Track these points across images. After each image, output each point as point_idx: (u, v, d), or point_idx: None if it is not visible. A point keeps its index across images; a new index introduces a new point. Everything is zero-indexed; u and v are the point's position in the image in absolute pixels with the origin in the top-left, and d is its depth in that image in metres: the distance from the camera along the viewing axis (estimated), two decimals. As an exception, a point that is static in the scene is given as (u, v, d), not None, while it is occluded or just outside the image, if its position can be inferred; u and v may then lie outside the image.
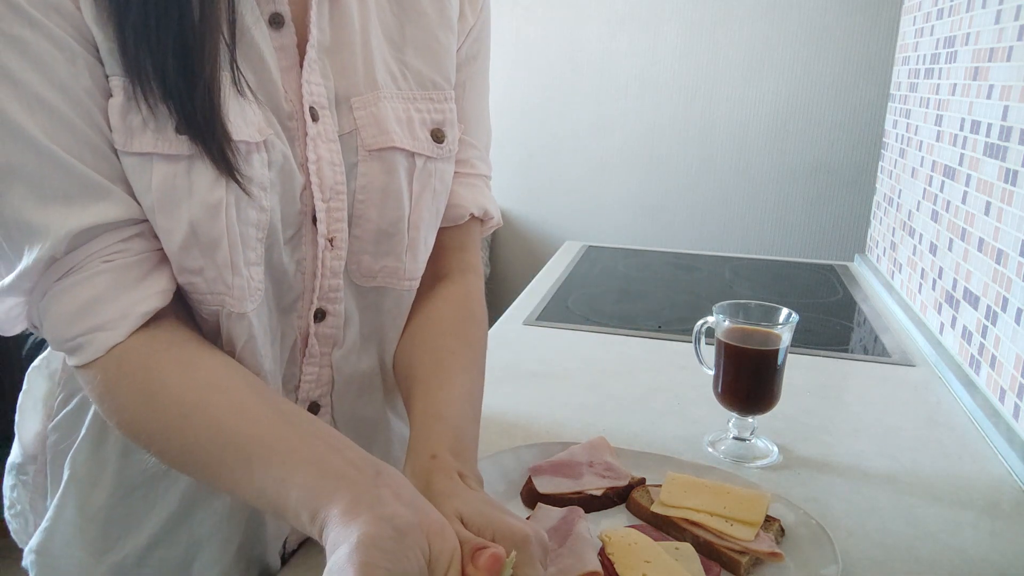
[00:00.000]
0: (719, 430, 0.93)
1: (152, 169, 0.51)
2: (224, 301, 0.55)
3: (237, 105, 0.53)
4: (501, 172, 2.51)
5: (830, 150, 2.23)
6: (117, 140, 0.51)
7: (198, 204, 0.52)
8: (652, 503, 0.73)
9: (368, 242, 0.62)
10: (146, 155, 0.51)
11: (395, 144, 0.61)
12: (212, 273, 0.54)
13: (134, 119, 0.51)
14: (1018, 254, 0.99)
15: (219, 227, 0.53)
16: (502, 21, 2.41)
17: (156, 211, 0.52)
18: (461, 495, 0.51)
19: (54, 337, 0.52)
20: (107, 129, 0.51)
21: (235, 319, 0.56)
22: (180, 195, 0.51)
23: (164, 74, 0.50)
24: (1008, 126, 1.06)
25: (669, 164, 2.37)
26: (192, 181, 0.52)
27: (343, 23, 0.60)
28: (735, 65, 2.25)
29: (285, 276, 0.59)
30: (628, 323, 1.35)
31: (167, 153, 0.51)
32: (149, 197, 0.51)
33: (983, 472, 0.88)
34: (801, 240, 2.31)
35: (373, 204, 0.61)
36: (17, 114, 0.48)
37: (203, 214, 0.52)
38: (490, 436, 0.91)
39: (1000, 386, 1.00)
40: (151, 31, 0.49)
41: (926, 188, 1.43)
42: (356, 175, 0.60)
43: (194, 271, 0.54)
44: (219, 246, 0.53)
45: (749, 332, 0.87)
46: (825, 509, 0.78)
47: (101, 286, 0.51)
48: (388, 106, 0.61)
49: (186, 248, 0.53)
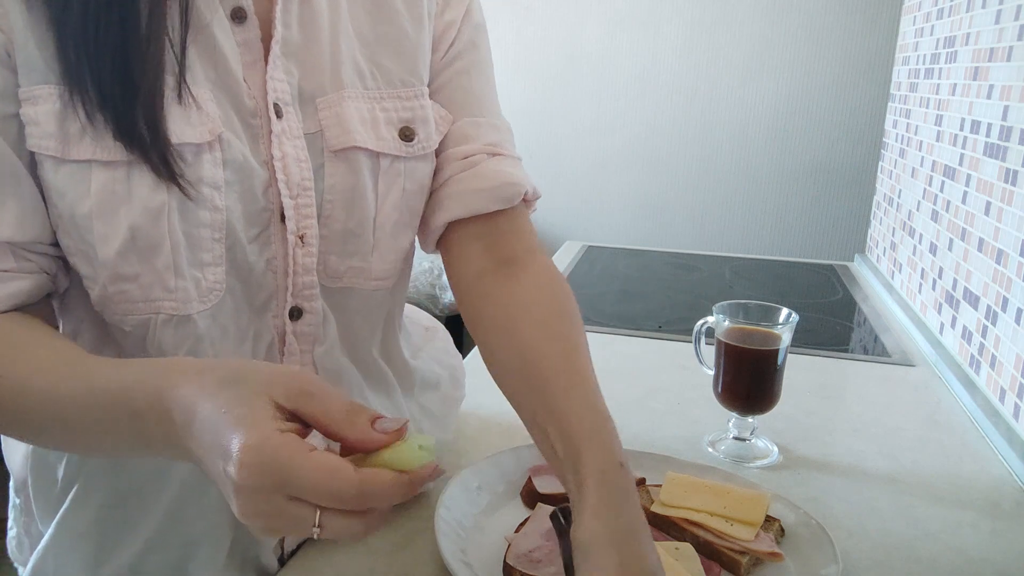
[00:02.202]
0: (719, 430, 0.93)
1: (91, 176, 0.51)
2: (160, 307, 0.54)
3: (180, 108, 0.52)
4: (501, 172, 2.51)
5: (830, 150, 2.23)
6: (55, 148, 0.50)
7: (138, 209, 0.51)
8: (652, 503, 0.73)
9: (335, 242, 0.61)
10: (84, 162, 0.50)
11: (357, 144, 0.60)
12: (149, 278, 0.53)
13: (71, 127, 0.50)
14: (1018, 254, 0.99)
15: (160, 231, 0.52)
16: (502, 21, 2.41)
17: (94, 217, 0.51)
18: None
19: None
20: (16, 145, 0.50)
21: (174, 324, 0.55)
22: (119, 201, 0.51)
23: (101, 82, 0.49)
24: (1008, 126, 1.06)
25: (669, 164, 2.37)
26: (131, 187, 0.51)
27: (312, 21, 0.59)
28: (735, 65, 2.25)
29: (252, 274, 0.58)
30: (628, 323, 1.35)
31: (105, 160, 0.50)
32: (87, 203, 0.51)
33: (983, 472, 0.88)
34: (801, 240, 2.31)
35: (340, 204, 0.60)
36: None
37: (144, 219, 0.51)
38: (490, 436, 0.91)
39: (1000, 386, 1.00)
40: (90, 39, 0.49)
41: (926, 188, 1.43)
42: (323, 175, 0.59)
43: (129, 278, 0.53)
44: (160, 250, 0.53)
45: (749, 332, 0.87)
46: (825, 509, 0.78)
47: None
48: (352, 106, 0.60)
49: (123, 254, 0.52)
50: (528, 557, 0.64)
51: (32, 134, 0.51)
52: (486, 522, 0.71)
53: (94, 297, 0.54)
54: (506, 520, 0.71)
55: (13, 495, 0.69)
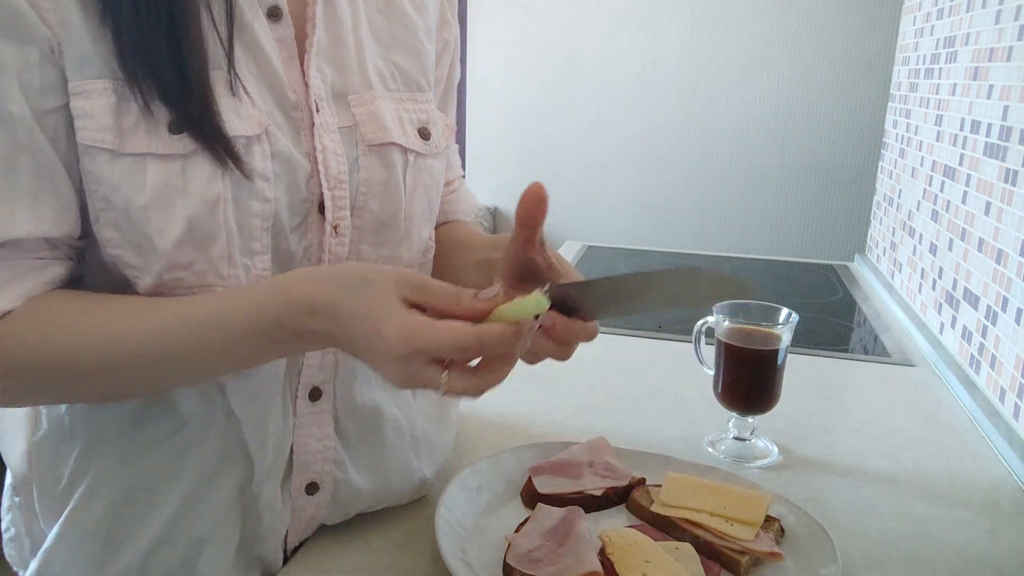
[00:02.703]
0: (719, 430, 0.93)
1: (146, 169, 0.52)
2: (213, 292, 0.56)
3: (231, 101, 0.54)
4: (501, 171, 2.51)
5: (830, 150, 2.23)
6: (111, 142, 0.51)
7: (195, 201, 0.53)
8: (652, 503, 0.73)
9: (368, 232, 0.64)
10: (140, 156, 0.52)
11: (393, 140, 0.63)
12: (203, 266, 0.55)
13: (126, 120, 0.51)
14: (1018, 254, 0.99)
15: (216, 221, 0.54)
16: (502, 21, 2.41)
17: (150, 209, 0.52)
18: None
19: None
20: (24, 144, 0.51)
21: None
22: (175, 193, 0.52)
23: (158, 76, 0.51)
24: (1008, 126, 1.06)
25: (669, 164, 2.37)
26: (187, 179, 0.53)
27: (336, 21, 0.62)
28: (735, 65, 2.25)
29: (291, 262, 0.60)
30: (628, 323, 1.35)
31: (161, 153, 0.52)
32: (143, 196, 0.52)
33: (983, 472, 0.88)
34: (801, 240, 2.31)
35: (375, 196, 0.63)
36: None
37: (200, 210, 0.53)
38: (490, 436, 0.91)
39: (1000, 386, 1.00)
40: (145, 34, 0.50)
41: (926, 188, 1.43)
42: (358, 168, 0.62)
43: (184, 266, 0.54)
44: (215, 240, 0.54)
45: (749, 332, 0.87)
46: (825, 509, 0.78)
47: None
48: (383, 104, 0.64)
49: (180, 244, 0.53)
50: (528, 557, 0.64)
51: (86, 127, 0.52)
52: (486, 522, 0.71)
53: (144, 286, 0.55)
54: (506, 520, 0.72)
55: (10, 494, 0.68)
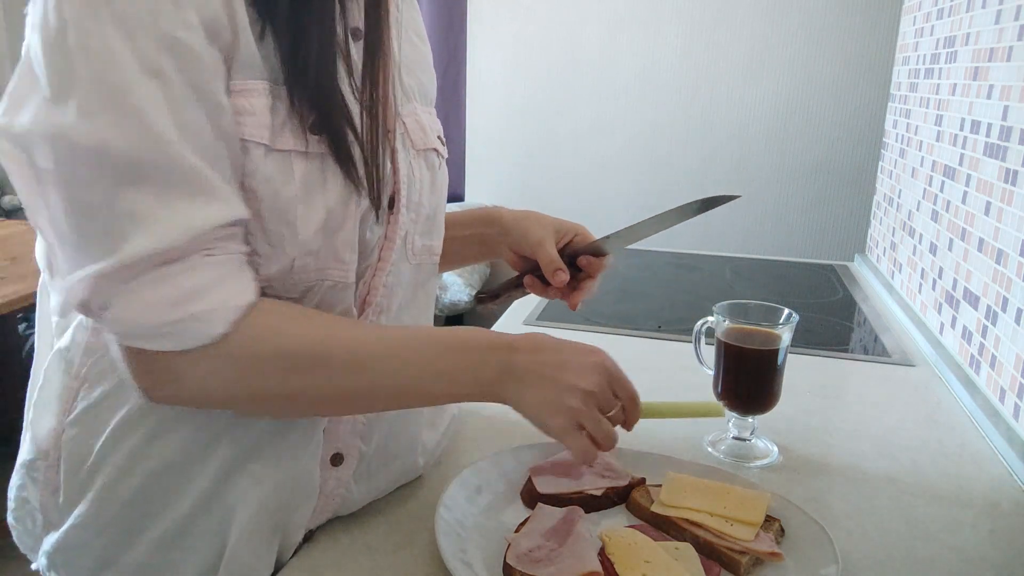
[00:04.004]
0: (719, 430, 0.93)
1: (293, 164, 0.58)
2: (329, 275, 0.62)
3: (351, 107, 0.62)
4: (500, 171, 2.51)
5: (830, 150, 2.23)
6: (267, 137, 0.57)
7: (334, 194, 0.60)
8: (652, 503, 0.73)
9: (420, 225, 0.71)
10: (287, 152, 0.58)
11: (435, 147, 0.73)
12: (327, 252, 0.61)
13: (277, 119, 0.57)
14: (1018, 254, 0.99)
15: (349, 212, 0.61)
16: (502, 21, 2.41)
17: (298, 201, 0.58)
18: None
19: (136, 322, 0.54)
20: (226, 132, 0.55)
21: (338, 290, 0.63)
22: (317, 187, 0.59)
23: (308, 81, 0.58)
24: (1008, 126, 1.06)
25: (669, 164, 2.37)
26: (326, 175, 0.60)
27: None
28: (735, 65, 2.25)
29: (366, 249, 0.66)
30: (628, 323, 1.35)
31: (304, 151, 0.58)
32: (292, 188, 0.58)
33: (983, 472, 0.88)
34: (801, 240, 2.31)
35: (424, 194, 0.71)
36: (157, 113, 0.51)
37: (337, 203, 0.60)
38: (490, 436, 0.91)
39: (1000, 386, 1.00)
40: (299, 43, 0.57)
41: (926, 188, 1.43)
42: (412, 169, 0.69)
43: (314, 252, 0.60)
44: (343, 228, 0.61)
45: (749, 332, 0.87)
46: (825, 509, 0.78)
47: (203, 278, 0.54)
48: (422, 116, 0.72)
49: (317, 232, 0.60)
50: (528, 557, 0.64)
51: (247, 123, 0.56)
52: (486, 522, 0.71)
53: (271, 270, 0.60)
54: (506, 520, 0.72)
55: (25, 471, 0.68)
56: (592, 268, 0.83)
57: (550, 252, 0.81)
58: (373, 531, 0.72)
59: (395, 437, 0.74)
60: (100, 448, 0.63)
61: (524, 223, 0.84)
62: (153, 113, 0.51)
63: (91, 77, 0.50)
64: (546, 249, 0.81)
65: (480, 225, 0.87)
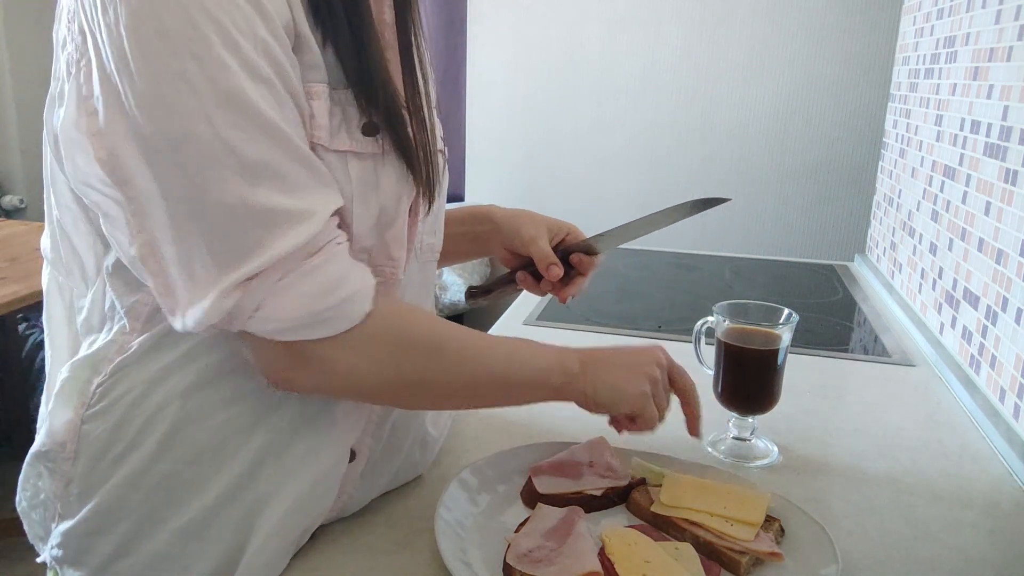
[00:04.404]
0: (719, 430, 0.93)
1: (348, 164, 0.60)
2: (381, 271, 0.64)
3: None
4: (501, 171, 2.51)
5: (830, 150, 2.23)
6: (324, 138, 0.59)
7: (387, 194, 0.63)
8: (652, 503, 0.73)
9: (431, 222, 0.72)
10: (342, 153, 0.60)
11: (441, 148, 0.74)
12: (379, 249, 0.64)
13: (333, 121, 0.59)
14: (1018, 254, 0.99)
15: (401, 211, 0.64)
16: (502, 21, 2.41)
17: (354, 199, 0.61)
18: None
19: (293, 316, 0.56)
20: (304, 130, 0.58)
21: (388, 287, 0.65)
22: (371, 187, 0.62)
23: (372, 83, 0.60)
24: (1008, 126, 1.06)
25: (669, 164, 2.37)
26: (379, 176, 0.62)
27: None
28: (735, 65, 2.25)
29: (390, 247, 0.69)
30: (628, 323, 1.35)
31: (359, 151, 0.61)
32: (349, 187, 0.61)
33: (983, 472, 0.88)
34: (801, 240, 2.31)
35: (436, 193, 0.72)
36: (270, 112, 0.54)
37: (390, 202, 0.63)
38: (490, 436, 0.91)
39: (1000, 386, 1.00)
40: (361, 46, 0.59)
41: (926, 188, 1.43)
42: None
43: (366, 248, 0.63)
44: (394, 225, 0.64)
45: (749, 332, 0.87)
46: (825, 509, 0.78)
47: (344, 263, 0.59)
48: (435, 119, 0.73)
49: (370, 229, 0.62)
50: (528, 557, 0.64)
51: (309, 124, 0.58)
52: (486, 522, 0.71)
53: None
54: (506, 520, 0.72)
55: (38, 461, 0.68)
56: (583, 266, 0.86)
57: (543, 248, 0.84)
58: (373, 531, 0.72)
59: (401, 432, 0.74)
60: (131, 435, 0.63)
61: (516, 221, 0.87)
62: (268, 112, 0.54)
63: (206, 81, 0.52)
64: (539, 245, 0.84)
65: (472, 223, 0.89)
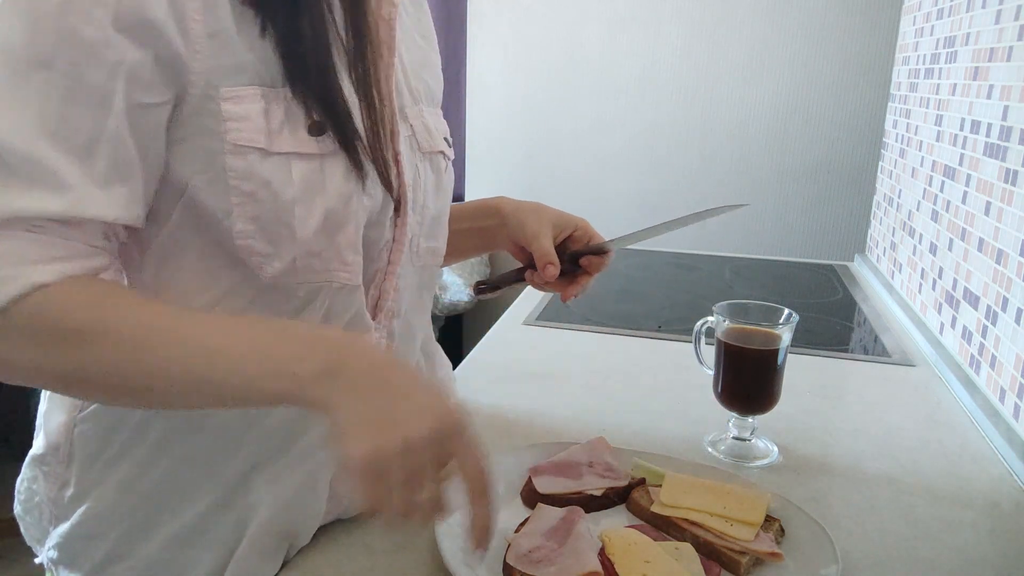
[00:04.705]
0: (719, 430, 0.93)
1: (291, 167, 0.58)
2: (335, 277, 0.62)
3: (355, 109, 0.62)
4: (500, 171, 2.51)
5: (830, 150, 2.23)
6: (263, 142, 0.57)
7: (333, 195, 0.60)
8: (652, 503, 0.73)
9: (425, 227, 0.71)
10: (285, 155, 0.58)
11: (441, 149, 0.73)
12: (330, 253, 0.61)
13: (272, 123, 0.58)
14: (1018, 254, 0.99)
15: (349, 213, 0.61)
16: (502, 21, 2.41)
17: (296, 202, 0.59)
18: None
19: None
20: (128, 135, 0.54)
21: (345, 293, 0.64)
22: (316, 188, 0.59)
23: (310, 84, 0.59)
24: (1008, 126, 1.06)
25: (669, 164, 2.37)
26: (325, 177, 0.60)
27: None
28: (735, 65, 2.25)
29: (374, 251, 0.67)
30: (628, 323, 1.35)
31: (302, 152, 0.59)
32: (291, 190, 0.58)
33: (983, 472, 0.88)
34: (801, 240, 2.30)
35: (430, 196, 0.72)
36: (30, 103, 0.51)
37: (337, 203, 0.60)
38: (490, 436, 0.91)
39: (1000, 386, 1.00)
40: (299, 45, 0.58)
41: (926, 188, 1.43)
42: (419, 172, 0.70)
43: (315, 253, 0.61)
44: (344, 229, 0.62)
45: (749, 332, 0.87)
46: (825, 509, 0.78)
47: (9, 248, 0.52)
48: (428, 118, 0.73)
49: (316, 233, 0.60)
50: (528, 557, 0.64)
51: (240, 129, 0.57)
52: (486, 522, 0.71)
53: (274, 269, 0.60)
54: (506, 520, 0.71)
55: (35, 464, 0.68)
56: (592, 267, 0.86)
57: (544, 245, 0.82)
58: (373, 531, 0.72)
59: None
60: (123, 441, 0.63)
61: (522, 214, 0.85)
62: (26, 103, 0.51)
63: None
64: (540, 242, 0.82)
65: (481, 217, 0.88)
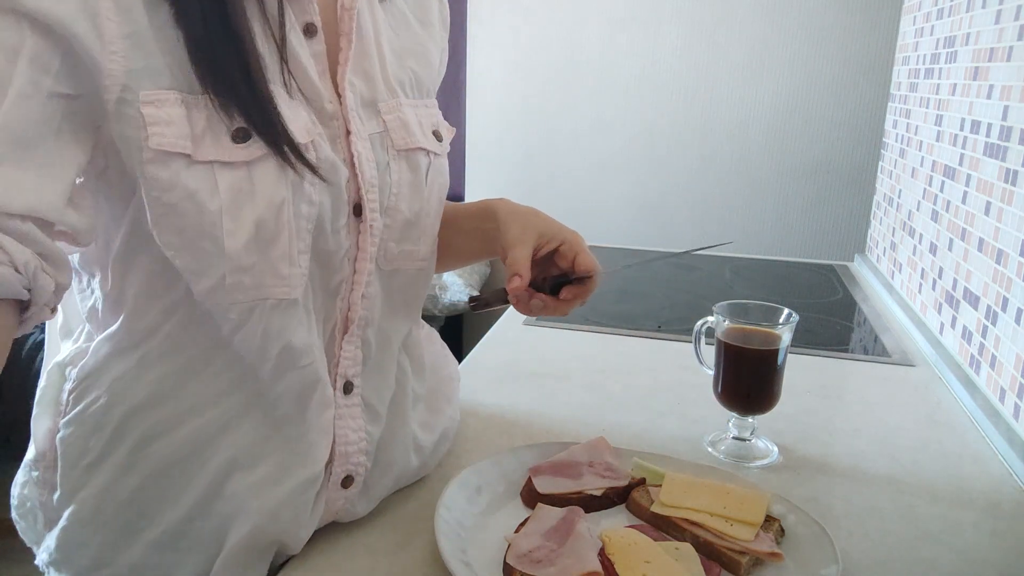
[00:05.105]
0: (719, 430, 0.93)
1: (215, 176, 0.55)
2: (270, 292, 0.59)
3: (289, 111, 0.58)
4: (500, 171, 2.51)
5: (830, 150, 2.23)
6: (190, 148, 0.54)
7: (263, 204, 0.57)
8: (652, 503, 0.73)
9: (396, 230, 0.68)
10: (209, 163, 0.55)
11: (420, 145, 0.69)
12: (263, 267, 0.58)
13: (195, 130, 0.55)
14: (1018, 254, 0.99)
15: (281, 223, 0.58)
16: (502, 21, 2.41)
17: (223, 213, 0.55)
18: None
19: None
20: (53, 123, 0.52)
21: (283, 308, 0.60)
22: (244, 198, 0.56)
23: (231, 87, 0.55)
24: (1008, 126, 1.06)
25: (669, 164, 2.37)
26: (255, 184, 0.56)
27: (361, 36, 0.66)
28: (735, 65, 2.25)
29: (331, 261, 0.64)
30: (628, 323, 1.35)
31: (227, 161, 0.55)
32: (217, 200, 0.55)
33: (983, 472, 0.88)
34: (801, 240, 2.30)
35: (404, 197, 0.68)
36: None
37: (267, 213, 0.57)
38: (490, 436, 0.91)
39: (1000, 386, 1.00)
40: (215, 49, 0.54)
41: (926, 188, 1.43)
42: (389, 172, 0.67)
43: (246, 268, 0.57)
44: (278, 241, 0.58)
45: (749, 332, 0.87)
46: (825, 509, 0.78)
47: None
48: (408, 111, 0.69)
49: (247, 246, 0.57)
50: (528, 557, 0.64)
51: (164, 133, 0.54)
52: (486, 522, 0.71)
53: (202, 288, 0.57)
54: (506, 520, 0.72)
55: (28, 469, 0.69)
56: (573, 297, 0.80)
57: (517, 253, 0.75)
58: (373, 532, 0.72)
59: (391, 443, 0.73)
60: (100, 447, 0.63)
61: (510, 219, 0.79)
62: None
63: None
64: (515, 250, 0.75)
65: (480, 219, 0.83)
